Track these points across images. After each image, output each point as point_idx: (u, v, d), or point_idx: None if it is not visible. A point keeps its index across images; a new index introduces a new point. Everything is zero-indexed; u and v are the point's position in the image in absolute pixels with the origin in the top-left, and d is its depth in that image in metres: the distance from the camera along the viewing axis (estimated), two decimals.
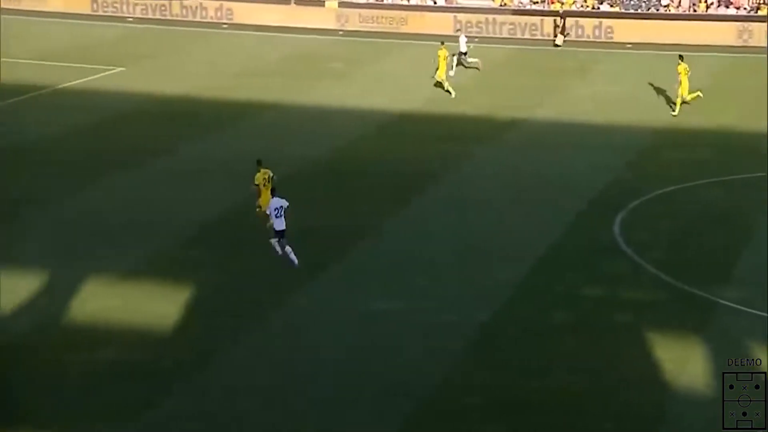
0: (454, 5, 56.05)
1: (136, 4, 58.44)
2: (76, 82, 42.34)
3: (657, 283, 23.49)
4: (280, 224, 23.71)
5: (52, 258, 24.65)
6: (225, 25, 56.70)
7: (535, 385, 19.15)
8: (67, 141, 34.32)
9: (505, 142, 35.11)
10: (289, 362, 20.03)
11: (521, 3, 54.97)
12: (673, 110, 37.36)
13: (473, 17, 54.19)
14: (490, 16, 54.08)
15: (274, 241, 24.04)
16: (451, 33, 53.74)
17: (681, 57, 37.66)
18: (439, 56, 40.86)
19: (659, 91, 39.91)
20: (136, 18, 57.62)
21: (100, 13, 58.62)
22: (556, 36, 51.02)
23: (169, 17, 58.12)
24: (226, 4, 57.53)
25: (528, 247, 25.51)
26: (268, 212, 24.08)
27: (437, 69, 40.65)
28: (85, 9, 58.69)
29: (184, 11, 58.31)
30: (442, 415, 18.38)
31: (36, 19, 56.78)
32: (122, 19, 57.57)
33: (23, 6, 59.10)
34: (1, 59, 41.25)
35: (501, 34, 53.38)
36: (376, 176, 31.26)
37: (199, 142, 34.53)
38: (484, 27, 53.81)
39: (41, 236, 26.17)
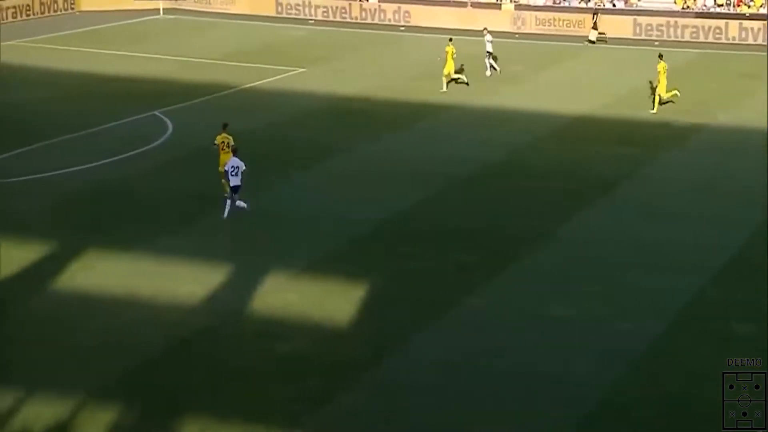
0: (634, 8, 54.89)
1: (318, 7, 59.74)
2: (259, 83, 43.59)
3: None
4: (234, 181, 27.15)
5: (235, 252, 25.46)
6: (402, 28, 57.24)
7: (711, 396, 18.55)
8: (251, 139, 35.35)
9: (685, 147, 34.16)
10: (463, 363, 20.01)
11: (705, 6, 53.35)
12: (652, 108, 37.75)
13: (654, 20, 52.96)
14: (672, 19, 52.75)
15: (227, 195, 27.35)
16: (631, 36, 52.76)
17: (660, 56, 38.18)
18: (446, 52, 41.39)
19: None
20: (317, 20, 58.92)
21: (284, 15, 60.19)
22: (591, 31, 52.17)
23: (348, 20, 59.15)
24: (404, 7, 58.09)
25: (706, 256, 24.73)
26: (225, 169, 27.30)
27: (444, 66, 41.25)
28: (270, 11, 60.39)
29: (363, 14, 59.20)
30: (615, 425, 18.05)
31: (224, 21, 58.84)
32: (304, 21, 58.95)
33: (213, 8, 61.36)
34: (192, 59, 42.87)
35: (683, 37, 52.01)
36: (550, 180, 30.93)
37: (376, 142, 34.99)
38: (665, 30, 52.51)
39: (225, 231, 27.09)
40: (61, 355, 20.15)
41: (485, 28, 45.58)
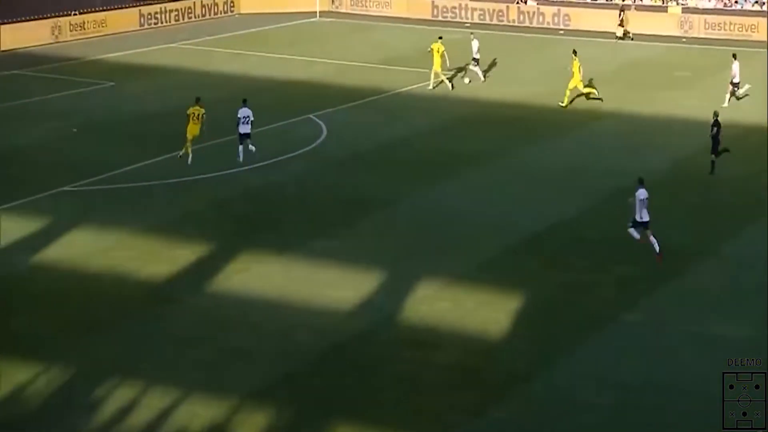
0: None
1: (474, 9, 59.72)
2: (415, 86, 43.84)
3: None
4: (245, 129, 32.13)
5: (390, 257, 25.68)
6: (561, 31, 56.66)
7: None
8: (405, 144, 35.64)
9: None
10: (622, 382, 19.65)
11: None
12: (562, 101, 39.18)
13: None
14: None
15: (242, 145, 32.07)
16: None
17: (575, 52, 40.09)
18: (433, 49, 41.70)
19: None
20: (474, 23, 58.88)
21: (440, 18, 60.42)
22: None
23: (505, 23, 58.94)
24: (564, 10, 57.48)
25: None
26: (237, 117, 32.05)
27: (433, 64, 41.50)
28: (426, 14, 60.72)
29: (521, 17, 58.88)
30: None
31: (380, 24, 59.47)
32: (460, 24, 59.01)
33: (370, 11, 62.10)
34: (347, 62, 43.46)
35: None
36: (716, 193, 30.09)
37: (533, 149, 34.72)
38: None
39: (381, 235, 27.36)
40: (218, 355, 20.71)
41: (472, 33, 45.22)
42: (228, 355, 20.71)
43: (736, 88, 39.03)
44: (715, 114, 32.03)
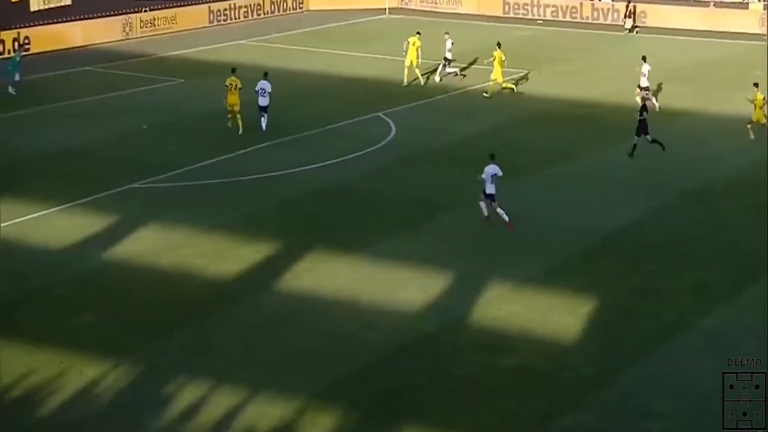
0: None
1: (547, 6, 59.40)
2: (484, 84, 43.74)
3: None
4: (263, 101, 35.01)
5: (458, 258, 25.70)
6: (637, 29, 56.10)
7: None
8: (474, 143, 35.57)
9: None
10: (696, 389, 19.47)
11: None
12: (487, 92, 40.78)
13: None
14: None
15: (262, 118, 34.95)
16: None
17: (498, 44, 41.37)
18: (409, 42, 41.98)
19: None
20: (546, 20, 58.58)
21: (511, 15, 60.21)
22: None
23: (579, 19, 58.52)
24: (640, 6, 56.89)
25: None
26: (255, 90, 34.76)
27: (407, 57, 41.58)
28: (497, 11, 60.56)
29: (595, 13, 58.43)
30: None
31: (450, 21, 59.38)
32: (531, 21, 58.77)
33: (439, 8, 62.11)
34: (419, 61, 43.47)
35: None
36: None
37: (605, 149, 34.44)
38: None
39: (450, 235, 27.37)
40: (285, 355, 20.93)
41: (447, 32, 44.83)
42: (295, 355, 20.92)
43: None
44: (643, 99, 34.66)
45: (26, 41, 49.12)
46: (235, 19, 59.00)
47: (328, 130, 36.72)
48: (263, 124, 35.58)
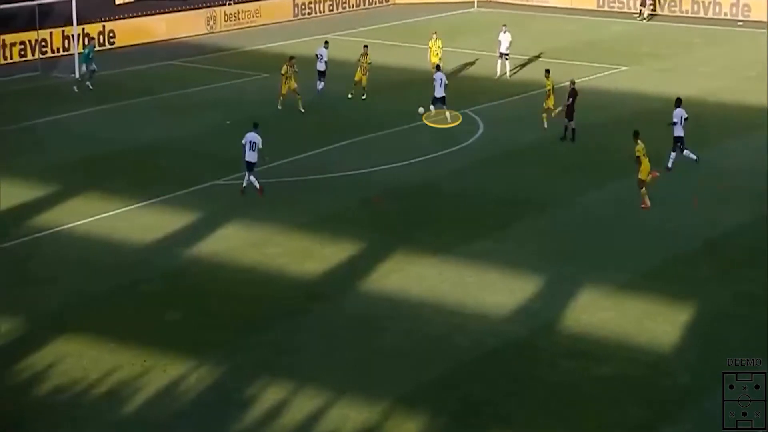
0: None
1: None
2: (577, 81, 43.37)
3: None
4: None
5: (548, 261, 25.58)
6: (740, 23, 55.16)
7: None
8: (567, 141, 35.34)
9: None
10: None
11: None
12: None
13: None
14: None
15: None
16: None
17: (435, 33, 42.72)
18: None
19: None
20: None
21: (606, 8, 59.64)
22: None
23: (678, 14, 57.75)
24: (743, 0, 55.93)
25: None
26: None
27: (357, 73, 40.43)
28: (591, 5, 60.03)
29: (696, 7, 57.62)
30: None
31: (541, 15, 59.10)
32: (627, 15, 58.15)
33: (530, 1, 61.78)
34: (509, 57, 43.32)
35: None
36: None
37: (710, 151, 33.72)
38: None
39: (540, 237, 27.26)
40: (370, 357, 21.06)
41: (504, 25, 44.47)
42: (381, 357, 21.04)
43: None
44: (572, 82, 35.86)
45: (111, 35, 50.14)
46: (320, 12, 59.46)
47: (413, 127, 36.77)
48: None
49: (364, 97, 40.40)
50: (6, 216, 28.31)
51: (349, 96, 40.46)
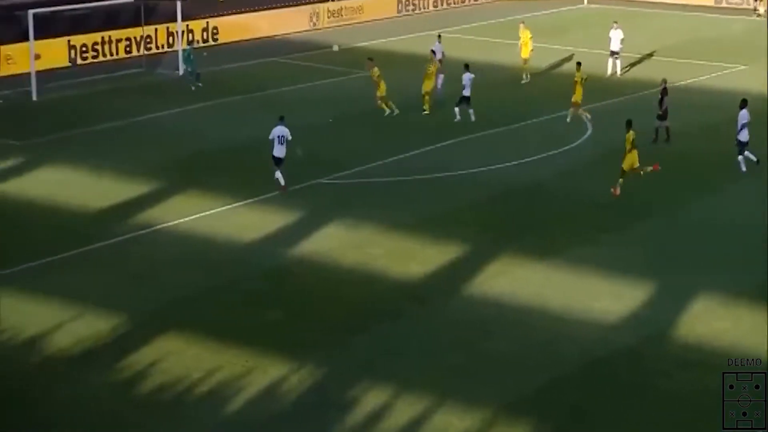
0: None
1: None
2: (691, 80, 42.76)
3: None
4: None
5: (657, 268, 25.19)
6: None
7: None
8: (680, 144, 34.80)
9: None
10: None
11: None
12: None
13: None
14: None
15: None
16: None
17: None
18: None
19: None
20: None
21: (724, 5, 58.53)
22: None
23: None
24: None
25: None
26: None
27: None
28: (707, 1, 58.98)
29: None
30: None
31: (654, 11, 58.27)
32: (748, 12, 56.98)
33: None
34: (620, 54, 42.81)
35: None
36: None
37: None
38: None
39: (651, 243, 26.89)
40: (474, 362, 21.03)
41: (615, 22, 43.30)
42: (485, 362, 21.00)
43: None
44: (663, 81, 35.54)
45: (215, 31, 50.97)
46: (424, 9, 59.56)
47: (521, 126, 36.63)
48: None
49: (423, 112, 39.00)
50: (109, 212, 29.01)
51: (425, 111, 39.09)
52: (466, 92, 37.12)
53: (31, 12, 40.77)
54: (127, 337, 21.88)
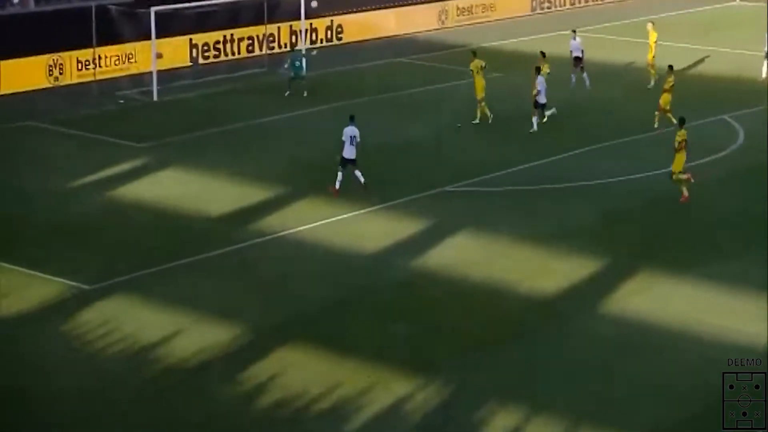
0: None
1: None
2: None
3: None
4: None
5: None
6: None
7: None
8: None
9: None
10: None
11: None
12: None
13: None
14: None
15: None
16: None
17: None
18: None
19: None
20: None
21: None
22: None
23: None
24: None
25: None
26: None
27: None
28: None
29: None
30: None
31: None
32: None
33: None
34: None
35: None
36: None
37: None
38: None
39: None
40: (611, 387, 20.61)
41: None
42: (623, 387, 20.55)
43: None
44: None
45: (339, 29, 51.27)
46: (560, 7, 58.99)
47: (661, 133, 35.89)
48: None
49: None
50: (230, 217, 29.36)
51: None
52: (541, 99, 36.43)
53: (153, 9, 41.47)
54: (250, 347, 22.05)
